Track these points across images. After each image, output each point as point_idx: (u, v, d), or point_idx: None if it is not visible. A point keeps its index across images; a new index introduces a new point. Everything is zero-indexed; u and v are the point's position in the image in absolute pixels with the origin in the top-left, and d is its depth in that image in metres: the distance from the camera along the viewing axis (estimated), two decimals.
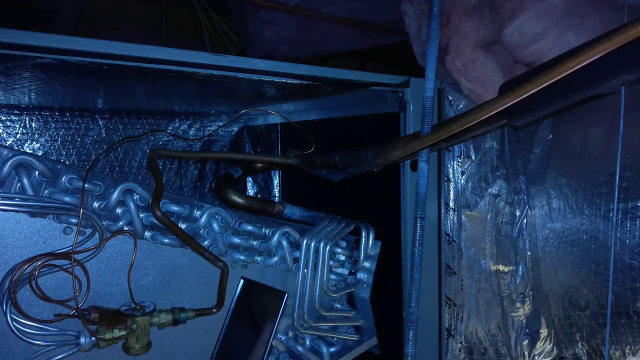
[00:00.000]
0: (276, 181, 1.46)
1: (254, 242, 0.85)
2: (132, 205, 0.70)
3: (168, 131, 1.26)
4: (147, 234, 0.74)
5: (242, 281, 0.83)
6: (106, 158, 1.17)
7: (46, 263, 0.64)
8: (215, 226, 0.79)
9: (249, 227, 0.83)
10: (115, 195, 0.69)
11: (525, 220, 0.96)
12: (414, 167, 0.85)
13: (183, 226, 0.77)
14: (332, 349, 0.90)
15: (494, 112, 0.58)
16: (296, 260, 0.88)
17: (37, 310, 0.65)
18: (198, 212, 0.78)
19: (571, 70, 0.48)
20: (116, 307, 0.70)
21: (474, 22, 0.85)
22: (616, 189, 0.71)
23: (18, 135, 1.07)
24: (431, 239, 0.89)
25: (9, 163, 0.61)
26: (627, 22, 0.45)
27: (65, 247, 0.66)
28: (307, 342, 0.89)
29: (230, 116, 1.37)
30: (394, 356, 0.92)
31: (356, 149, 0.82)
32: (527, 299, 0.96)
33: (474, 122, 0.60)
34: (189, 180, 1.33)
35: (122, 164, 1.19)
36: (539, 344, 0.95)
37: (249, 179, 1.45)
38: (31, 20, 1.64)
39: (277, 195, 1.46)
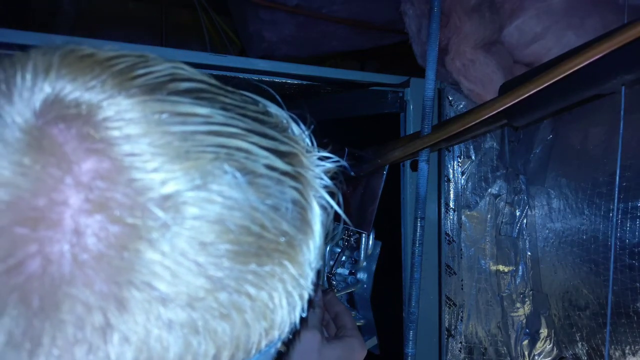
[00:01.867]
0: None
1: None
2: None
3: None
4: None
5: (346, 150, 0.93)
6: None
7: None
8: None
9: None
10: None
11: (525, 220, 0.96)
12: (414, 167, 0.84)
13: None
14: None
15: (494, 112, 0.58)
16: None
17: None
18: None
19: (571, 70, 0.48)
20: None
21: (474, 22, 0.85)
22: (616, 189, 0.71)
23: None
24: (431, 239, 0.89)
25: None
26: (627, 22, 0.45)
27: None
28: None
29: None
30: (394, 356, 0.92)
31: (356, 149, 0.82)
32: (527, 299, 0.96)
33: (474, 122, 0.60)
34: None
35: None
36: (539, 344, 0.95)
37: None
38: (31, 20, 1.63)
39: None
